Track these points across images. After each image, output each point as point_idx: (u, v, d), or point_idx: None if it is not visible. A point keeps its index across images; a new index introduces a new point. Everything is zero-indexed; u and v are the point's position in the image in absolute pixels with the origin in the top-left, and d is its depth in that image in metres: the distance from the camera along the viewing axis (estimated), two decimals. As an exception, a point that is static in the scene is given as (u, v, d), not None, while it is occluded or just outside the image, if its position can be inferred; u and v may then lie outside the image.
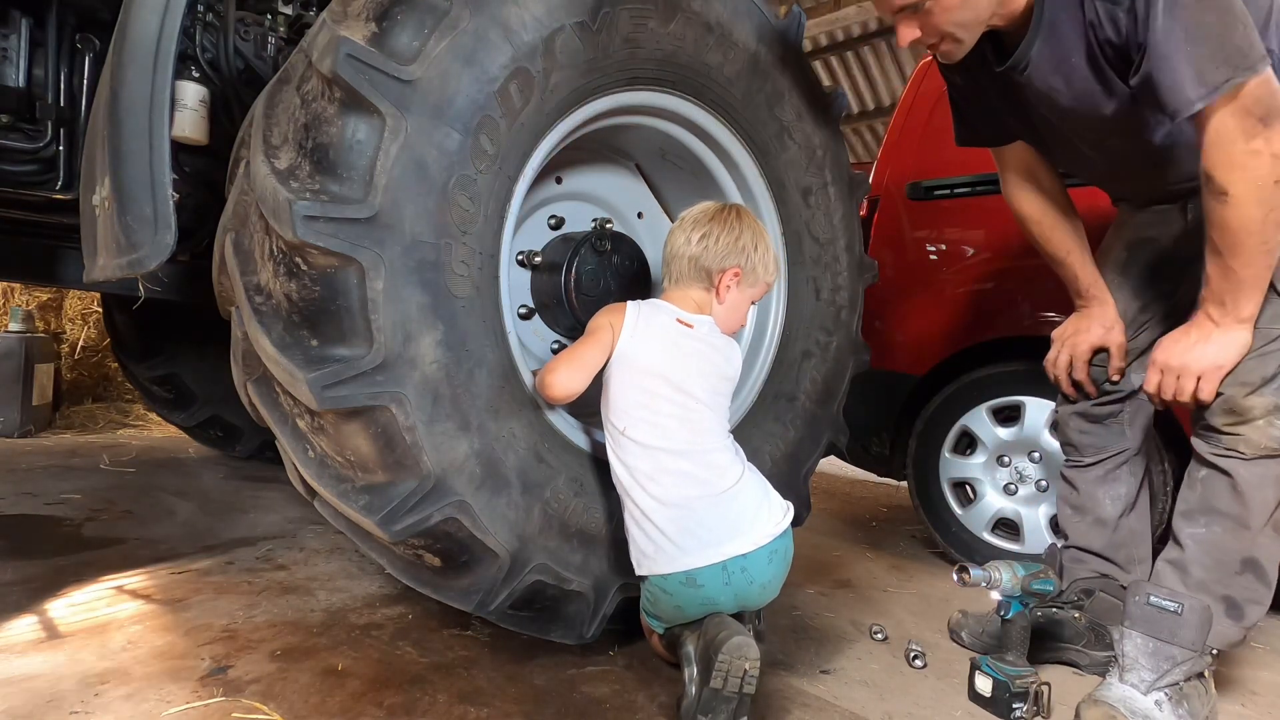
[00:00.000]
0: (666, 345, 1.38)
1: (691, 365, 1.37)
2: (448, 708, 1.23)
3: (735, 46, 1.63)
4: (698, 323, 1.43)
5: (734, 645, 1.14)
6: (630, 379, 1.35)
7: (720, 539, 1.26)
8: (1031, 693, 1.34)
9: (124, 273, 1.29)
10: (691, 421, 1.34)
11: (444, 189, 1.19)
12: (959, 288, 2.42)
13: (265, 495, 2.69)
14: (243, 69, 1.83)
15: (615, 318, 1.39)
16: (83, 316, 4.37)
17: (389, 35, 1.15)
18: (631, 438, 1.32)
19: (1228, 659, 1.76)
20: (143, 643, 1.41)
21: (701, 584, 1.25)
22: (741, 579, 1.26)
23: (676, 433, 1.32)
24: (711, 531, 1.26)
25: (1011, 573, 1.41)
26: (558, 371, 1.33)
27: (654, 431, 1.31)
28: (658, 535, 1.28)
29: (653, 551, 1.29)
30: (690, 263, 1.45)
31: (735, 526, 1.27)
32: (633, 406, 1.34)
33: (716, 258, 1.44)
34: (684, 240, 1.46)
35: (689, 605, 1.28)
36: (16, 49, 1.60)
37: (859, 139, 10.70)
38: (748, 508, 1.30)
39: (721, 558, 1.25)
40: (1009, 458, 2.27)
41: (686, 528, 1.27)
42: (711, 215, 1.46)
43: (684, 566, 1.25)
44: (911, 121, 2.67)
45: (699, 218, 1.47)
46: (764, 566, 1.27)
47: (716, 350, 1.43)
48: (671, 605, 1.30)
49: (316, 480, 1.25)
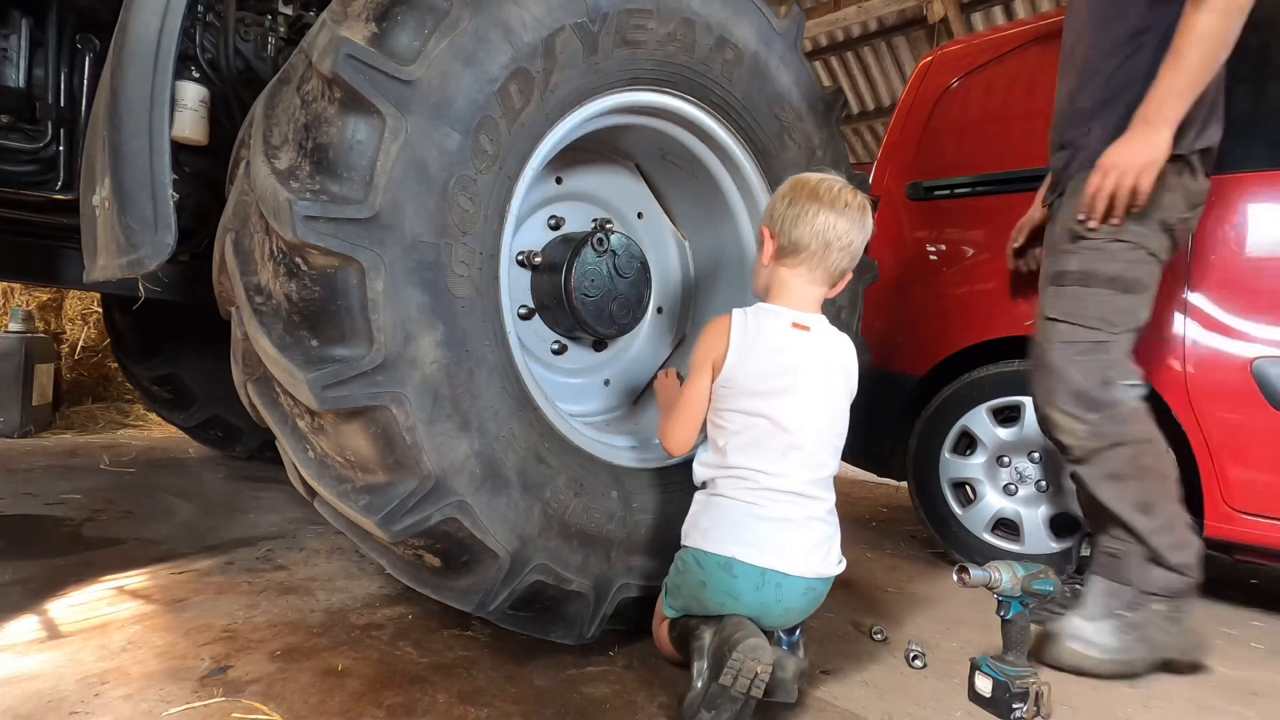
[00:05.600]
0: (780, 368, 1.30)
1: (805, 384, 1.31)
2: (448, 708, 1.23)
3: (735, 47, 1.63)
4: (815, 323, 1.34)
5: (749, 646, 1.13)
6: (737, 399, 1.31)
7: (778, 548, 1.25)
8: (1031, 693, 1.34)
9: (124, 273, 1.29)
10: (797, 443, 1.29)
11: (444, 189, 1.19)
12: (959, 288, 2.42)
13: (265, 495, 2.69)
14: (243, 69, 1.83)
15: (718, 346, 1.32)
16: (83, 316, 4.37)
17: (389, 35, 1.15)
18: (730, 450, 1.31)
19: (1227, 658, 1.76)
20: (143, 643, 1.41)
21: (736, 575, 1.24)
22: (772, 593, 1.25)
23: (776, 458, 1.29)
24: (771, 537, 1.26)
25: (1011, 573, 1.41)
26: (671, 437, 1.37)
27: (754, 454, 1.29)
28: (718, 513, 1.28)
29: (705, 526, 1.29)
30: (849, 256, 1.33)
31: (792, 547, 1.26)
32: (739, 422, 1.31)
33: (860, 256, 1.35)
34: (850, 226, 1.30)
35: (713, 589, 1.27)
36: (17, 49, 1.60)
37: (859, 139, 10.71)
38: (811, 539, 1.28)
39: (766, 564, 1.24)
40: (1009, 458, 2.27)
41: (747, 523, 1.26)
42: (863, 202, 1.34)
43: (730, 553, 1.24)
44: (911, 121, 2.67)
45: (855, 196, 1.32)
46: (797, 595, 1.27)
47: (832, 357, 1.35)
48: (696, 582, 1.28)
49: (316, 480, 1.25)
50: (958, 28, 7.66)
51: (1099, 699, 1.48)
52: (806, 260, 1.32)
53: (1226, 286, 1.94)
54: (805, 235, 1.31)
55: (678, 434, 1.37)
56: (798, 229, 1.31)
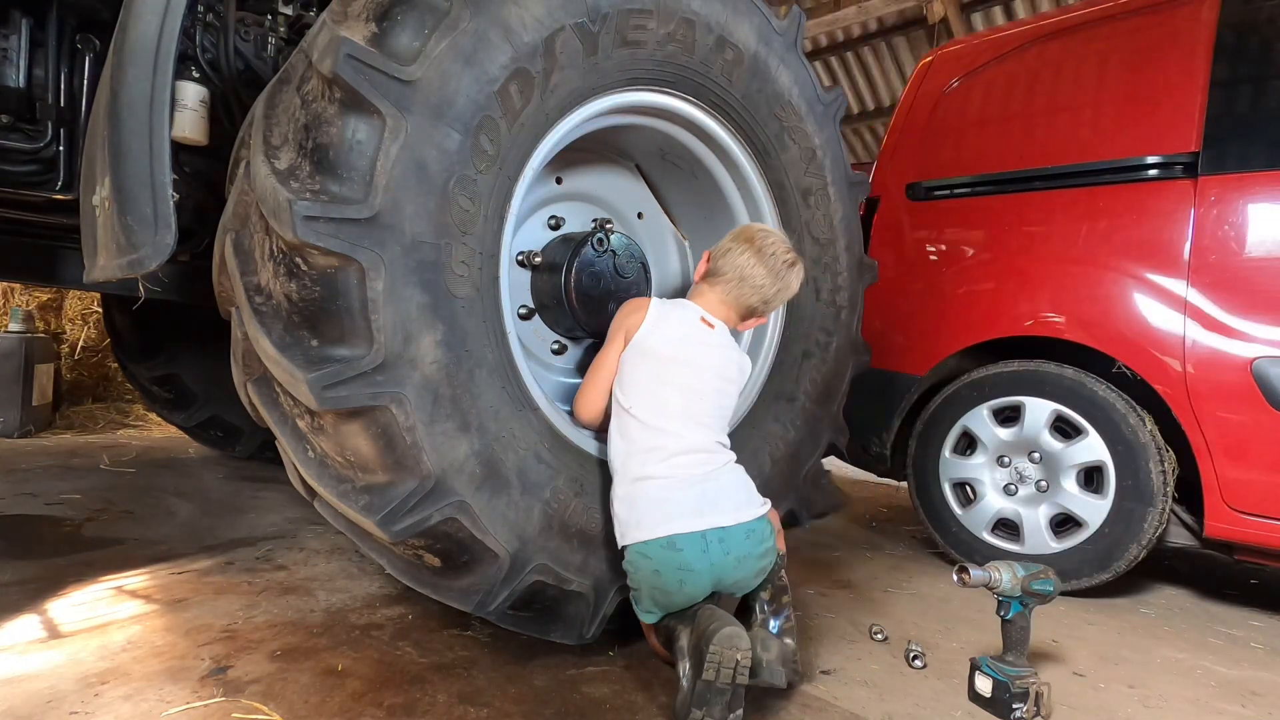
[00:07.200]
0: (685, 338, 1.47)
1: (704, 359, 1.47)
2: (448, 708, 1.23)
3: (735, 47, 1.63)
4: (719, 325, 1.53)
5: (724, 636, 1.15)
6: (645, 364, 1.44)
7: (702, 509, 1.32)
8: (1032, 693, 1.34)
9: (124, 273, 1.29)
10: (693, 410, 1.42)
11: (444, 189, 1.19)
12: (959, 288, 2.42)
13: (265, 495, 2.69)
14: (243, 69, 1.82)
15: (635, 318, 1.49)
16: (83, 316, 4.37)
17: (389, 35, 1.15)
18: (635, 415, 1.39)
19: (1227, 658, 1.76)
20: (143, 643, 1.41)
21: (680, 548, 1.29)
22: (719, 549, 1.31)
23: (677, 416, 1.40)
24: (696, 503, 1.33)
25: (1011, 573, 1.41)
26: (582, 402, 1.50)
27: (658, 412, 1.39)
28: (644, 504, 1.33)
29: (636, 520, 1.33)
30: (759, 298, 1.52)
31: (716, 503, 1.34)
32: (642, 387, 1.42)
33: (774, 305, 1.56)
34: (767, 274, 1.51)
35: (665, 572, 1.30)
36: (17, 49, 1.60)
37: (859, 139, 10.70)
38: (730, 488, 1.39)
39: (703, 526, 1.30)
40: (1009, 458, 2.27)
41: (671, 497, 1.32)
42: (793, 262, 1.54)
43: (666, 531, 1.30)
44: (911, 121, 2.67)
45: (788, 255, 1.53)
46: (740, 541, 1.33)
47: (729, 354, 1.52)
48: (650, 571, 1.31)
49: (316, 480, 1.25)
50: (958, 28, 7.66)
51: (1099, 699, 1.48)
52: (722, 284, 1.53)
53: (1226, 286, 1.94)
54: (727, 266, 1.52)
55: (588, 399, 1.50)
56: (725, 259, 1.53)
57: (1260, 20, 2.03)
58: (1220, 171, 1.99)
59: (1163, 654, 1.77)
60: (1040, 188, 2.31)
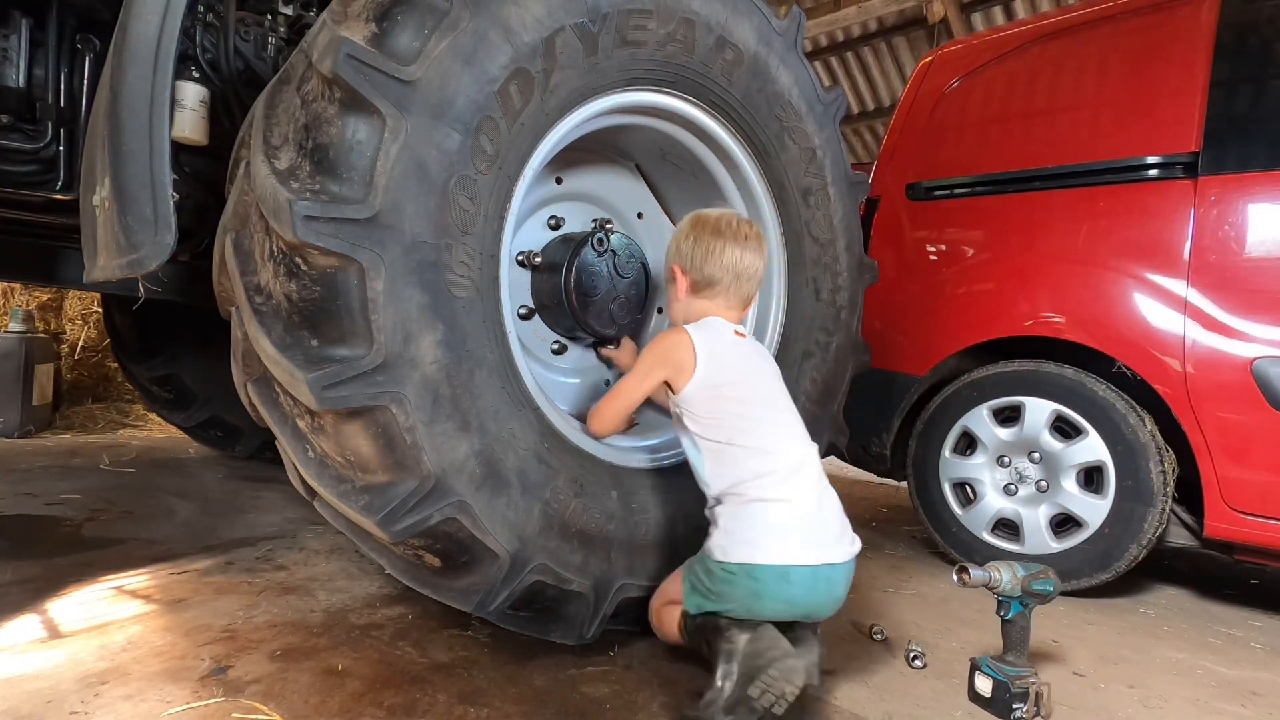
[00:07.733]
0: (743, 359, 1.42)
1: (764, 371, 1.44)
2: (448, 708, 1.23)
3: (735, 47, 1.63)
4: (746, 332, 1.49)
5: (787, 668, 1.15)
6: (723, 400, 1.37)
7: (821, 541, 1.28)
8: (1032, 693, 1.34)
9: (124, 273, 1.29)
10: (781, 423, 1.39)
11: (444, 189, 1.19)
12: (959, 288, 2.42)
13: (265, 495, 2.69)
14: (243, 69, 1.82)
15: (683, 357, 1.38)
16: (83, 316, 4.37)
17: (389, 35, 1.15)
18: (739, 445, 1.33)
19: (1227, 659, 1.76)
20: (143, 643, 1.41)
21: (793, 581, 1.25)
22: (824, 587, 1.28)
23: (778, 435, 1.36)
24: (816, 533, 1.29)
25: (1011, 573, 1.41)
26: (602, 418, 1.46)
27: (759, 436, 1.34)
28: (763, 526, 1.28)
29: (750, 539, 1.28)
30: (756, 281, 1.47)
31: (825, 532, 1.30)
32: (731, 423, 1.35)
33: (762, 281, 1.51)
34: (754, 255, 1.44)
35: (770, 598, 1.26)
36: (17, 49, 1.60)
37: (859, 139, 10.70)
38: (835, 513, 1.34)
39: (817, 560, 1.26)
40: (1009, 458, 2.27)
41: (790, 525, 1.28)
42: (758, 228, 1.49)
43: (781, 560, 1.25)
44: (911, 122, 2.67)
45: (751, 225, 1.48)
46: (842, 582, 1.30)
47: (767, 355, 1.50)
48: (748, 594, 1.27)
49: (316, 480, 1.25)
50: (958, 28, 7.66)
51: (1099, 699, 1.48)
52: (722, 292, 1.45)
53: (1226, 286, 1.94)
54: (716, 270, 1.43)
55: (607, 422, 1.46)
56: (709, 265, 1.43)
57: (1260, 20, 2.03)
58: (1220, 171, 1.99)
59: (1163, 654, 1.77)
60: (1040, 188, 2.31)
